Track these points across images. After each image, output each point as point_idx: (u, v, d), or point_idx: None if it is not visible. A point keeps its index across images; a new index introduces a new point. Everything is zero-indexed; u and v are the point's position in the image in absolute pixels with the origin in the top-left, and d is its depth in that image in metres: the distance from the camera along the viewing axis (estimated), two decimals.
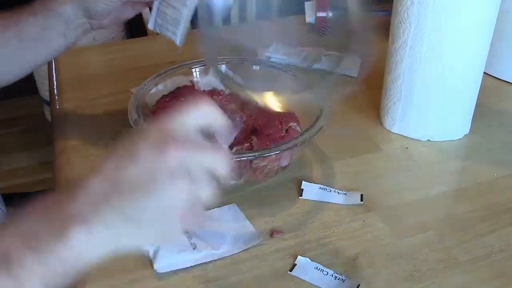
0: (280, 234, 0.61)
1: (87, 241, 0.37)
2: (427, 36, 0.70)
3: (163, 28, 0.70)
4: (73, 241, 0.36)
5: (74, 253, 0.37)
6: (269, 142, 0.65)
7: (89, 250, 0.37)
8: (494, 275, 0.57)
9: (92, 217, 0.37)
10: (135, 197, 0.37)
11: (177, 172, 0.37)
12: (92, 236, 0.37)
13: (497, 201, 0.67)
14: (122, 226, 0.38)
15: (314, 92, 0.68)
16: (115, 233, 0.38)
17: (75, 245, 0.36)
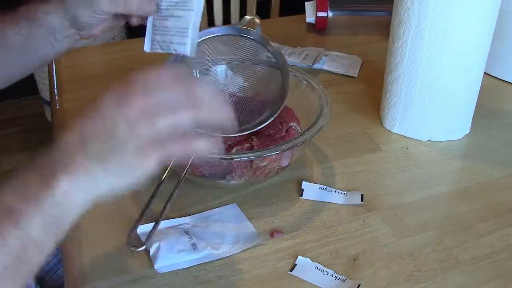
0: (280, 234, 0.61)
1: (73, 188, 0.42)
2: (427, 36, 0.70)
3: (165, 44, 0.65)
4: (62, 188, 0.42)
5: (64, 199, 0.42)
6: (269, 142, 0.65)
7: (75, 196, 0.42)
8: (494, 275, 0.57)
9: (73, 167, 0.42)
10: (106, 141, 0.43)
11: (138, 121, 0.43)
12: (76, 184, 0.42)
13: (497, 201, 0.67)
14: (99, 174, 0.43)
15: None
16: (95, 181, 0.43)
17: (64, 192, 0.42)
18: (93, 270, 0.56)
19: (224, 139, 0.66)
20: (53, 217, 0.42)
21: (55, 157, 0.43)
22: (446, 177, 0.72)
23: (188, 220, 0.62)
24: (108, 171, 0.43)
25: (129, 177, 0.45)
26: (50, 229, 0.42)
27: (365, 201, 0.66)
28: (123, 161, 0.43)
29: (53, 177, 0.42)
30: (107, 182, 0.44)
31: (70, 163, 0.42)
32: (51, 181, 0.42)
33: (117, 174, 0.44)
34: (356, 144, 0.77)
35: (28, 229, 0.41)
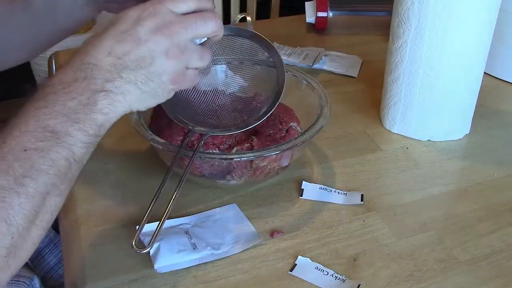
0: (280, 234, 0.61)
1: (111, 108, 0.48)
2: (427, 36, 0.70)
3: None
4: (102, 110, 0.47)
5: (102, 118, 0.47)
6: (269, 142, 0.65)
7: (112, 114, 0.48)
8: (494, 275, 0.57)
9: (114, 90, 0.48)
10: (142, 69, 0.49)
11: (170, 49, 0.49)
12: (114, 103, 0.48)
13: (497, 201, 0.67)
14: (134, 94, 0.49)
15: None
16: (129, 100, 0.49)
17: (103, 112, 0.47)
18: (93, 270, 0.56)
19: (224, 139, 0.66)
20: (93, 136, 0.47)
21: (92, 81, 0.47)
22: (446, 177, 0.71)
23: (188, 220, 0.62)
24: (138, 95, 0.49)
25: (149, 102, 0.51)
26: (90, 147, 0.47)
27: (365, 201, 0.66)
28: (151, 88, 0.50)
29: (94, 100, 0.46)
30: (134, 103, 0.50)
31: (110, 88, 0.47)
32: (93, 104, 0.46)
33: (143, 97, 0.50)
34: (356, 144, 0.77)
35: (74, 150, 0.46)
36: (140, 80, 0.49)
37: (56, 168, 0.44)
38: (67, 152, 0.45)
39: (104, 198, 0.66)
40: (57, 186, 0.45)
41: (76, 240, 0.60)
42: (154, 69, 0.49)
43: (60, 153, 0.45)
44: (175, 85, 0.52)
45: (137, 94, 0.49)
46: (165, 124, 0.67)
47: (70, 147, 0.45)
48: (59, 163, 0.45)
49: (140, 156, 0.73)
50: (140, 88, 0.49)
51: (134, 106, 0.50)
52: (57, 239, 0.81)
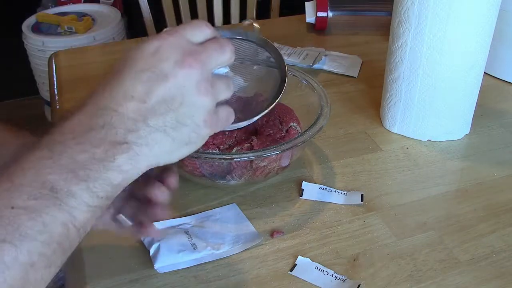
0: (280, 234, 0.61)
1: (133, 164, 0.39)
2: (427, 36, 0.70)
3: None
4: (120, 166, 0.39)
5: (120, 178, 0.39)
6: (269, 142, 0.65)
7: (132, 170, 0.40)
8: (494, 275, 0.57)
9: (138, 141, 0.39)
10: (171, 112, 0.40)
11: (200, 82, 0.41)
12: (138, 158, 0.39)
13: (497, 201, 0.67)
14: (162, 145, 0.41)
15: None
16: (157, 152, 0.41)
17: (122, 169, 0.39)
18: (93, 270, 0.56)
19: (224, 139, 0.66)
20: (103, 199, 0.39)
21: (111, 131, 0.39)
22: (446, 177, 0.72)
23: (188, 220, 0.62)
24: (167, 145, 0.41)
25: (181, 151, 0.43)
26: (97, 211, 0.39)
27: (365, 201, 0.66)
28: (184, 134, 0.42)
29: (112, 154, 0.38)
30: (162, 156, 0.41)
31: (132, 139, 0.39)
32: (110, 160, 0.38)
33: (173, 147, 0.42)
34: (356, 144, 0.77)
35: (75, 214, 0.37)
36: (170, 125, 0.40)
37: (47, 235, 0.36)
38: (66, 217, 0.37)
39: None
40: (46, 256, 0.36)
41: None
42: (186, 110, 0.41)
43: (56, 217, 0.36)
44: (209, 128, 0.43)
45: (168, 143, 0.41)
46: None
47: (70, 210, 0.37)
48: (53, 228, 0.36)
49: None
50: (170, 135, 0.41)
51: (163, 159, 0.42)
52: None
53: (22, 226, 0.35)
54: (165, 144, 0.41)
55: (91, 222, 0.39)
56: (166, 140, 0.41)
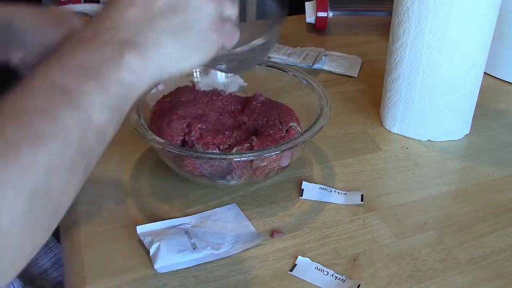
0: (280, 234, 0.61)
1: (142, 64, 0.39)
2: (427, 36, 0.70)
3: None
4: (130, 66, 0.38)
5: (131, 77, 0.38)
6: (269, 142, 0.65)
7: (143, 73, 0.39)
8: (494, 275, 0.57)
9: (145, 41, 0.39)
10: (177, 16, 0.41)
11: None
12: (147, 59, 0.39)
13: (497, 201, 0.67)
14: (171, 47, 0.41)
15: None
16: (165, 55, 0.40)
17: (132, 69, 0.38)
18: (93, 270, 0.56)
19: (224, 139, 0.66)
20: (117, 98, 0.38)
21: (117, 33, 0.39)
22: (446, 177, 0.72)
23: (188, 220, 0.62)
24: (176, 48, 0.41)
25: (191, 58, 0.43)
26: (113, 113, 0.38)
27: (365, 201, 0.66)
28: (191, 38, 0.42)
29: (119, 53, 0.38)
30: (172, 60, 0.41)
31: (140, 39, 0.39)
32: (118, 58, 0.38)
33: (183, 52, 0.42)
34: (356, 144, 0.77)
35: (89, 112, 0.36)
36: (177, 28, 0.41)
37: (64, 135, 0.34)
38: (82, 116, 0.35)
39: (104, 198, 0.66)
40: (66, 158, 0.35)
41: (76, 240, 0.60)
42: (191, 15, 0.41)
43: (72, 116, 0.35)
44: (216, 34, 0.43)
45: (176, 46, 0.41)
46: (165, 124, 0.67)
47: (85, 109, 0.36)
48: (70, 128, 0.35)
49: (140, 156, 0.73)
50: (177, 38, 0.41)
51: (174, 65, 0.42)
52: (52, 243, 0.81)
53: (38, 126, 0.33)
54: (174, 46, 0.41)
55: (110, 128, 0.38)
56: (174, 43, 0.41)
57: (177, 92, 0.73)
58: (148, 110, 0.71)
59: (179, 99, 0.71)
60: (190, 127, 0.66)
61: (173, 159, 0.64)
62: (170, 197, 0.66)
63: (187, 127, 0.66)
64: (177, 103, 0.70)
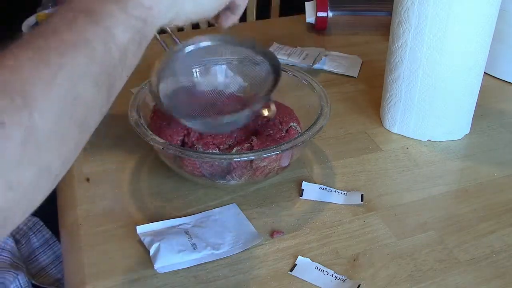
0: (280, 234, 0.61)
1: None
2: (427, 36, 0.70)
3: None
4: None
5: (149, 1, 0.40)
6: (269, 142, 0.65)
7: (158, 7, 0.41)
8: (494, 275, 0.57)
9: None
10: None
11: None
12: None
13: (497, 201, 0.67)
14: None
15: None
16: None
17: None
18: (93, 270, 0.56)
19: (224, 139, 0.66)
20: (138, 19, 0.39)
21: None
22: (446, 177, 0.71)
23: (188, 220, 0.62)
24: None
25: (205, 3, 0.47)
26: (135, 35, 0.39)
27: (365, 201, 0.66)
28: None
29: None
30: (191, 3, 0.45)
31: None
32: None
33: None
34: (356, 144, 0.77)
35: (113, 31, 0.37)
36: None
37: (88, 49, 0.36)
38: (105, 34, 0.37)
39: (104, 198, 0.66)
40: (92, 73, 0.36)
41: (76, 240, 0.60)
42: None
43: (95, 33, 0.37)
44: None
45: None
46: (165, 124, 0.67)
47: (108, 28, 0.37)
48: (93, 44, 0.36)
49: (140, 156, 0.73)
50: None
51: (187, 9, 0.45)
52: (52, 240, 0.81)
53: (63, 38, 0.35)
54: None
55: (132, 49, 0.39)
56: None
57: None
58: (148, 110, 0.71)
59: None
60: None
61: (173, 159, 0.64)
62: (170, 197, 0.66)
63: (187, 127, 0.66)
64: None
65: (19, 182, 0.32)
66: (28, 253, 0.79)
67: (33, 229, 0.81)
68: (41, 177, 0.34)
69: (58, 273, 0.79)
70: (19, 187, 0.32)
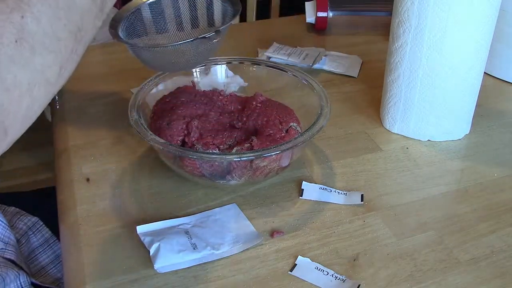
0: (280, 234, 0.61)
1: None
2: (427, 36, 0.70)
3: None
4: None
5: None
6: (269, 142, 0.65)
7: None
8: (494, 275, 0.57)
9: None
10: None
11: None
12: None
13: (497, 201, 0.67)
14: None
15: None
16: None
17: None
18: (93, 270, 0.56)
19: (224, 140, 0.66)
20: None
21: None
22: (446, 177, 0.72)
23: (188, 220, 0.62)
24: None
25: None
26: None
27: (365, 201, 0.66)
28: None
29: None
30: None
31: None
32: None
33: None
34: (356, 144, 0.77)
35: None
36: None
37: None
38: None
39: (104, 198, 0.66)
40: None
41: (76, 240, 0.60)
42: None
43: None
44: None
45: None
46: (165, 124, 0.67)
47: None
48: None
49: (139, 156, 0.73)
50: None
51: None
52: (52, 240, 0.81)
53: None
54: None
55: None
56: None
57: (177, 92, 0.73)
58: (148, 110, 0.71)
59: (179, 99, 0.71)
60: (189, 127, 0.66)
61: (173, 159, 0.64)
62: (170, 197, 0.66)
63: (187, 127, 0.67)
64: (177, 103, 0.71)
65: (15, 84, 0.33)
66: (27, 252, 0.79)
67: (33, 229, 0.81)
68: (37, 82, 0.35)
69: (58, 273, 0.79)
70: (15, 89, 0.33)
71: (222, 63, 0.79)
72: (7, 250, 0.72)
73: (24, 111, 0.35)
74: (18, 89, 0.34)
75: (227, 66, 0.79)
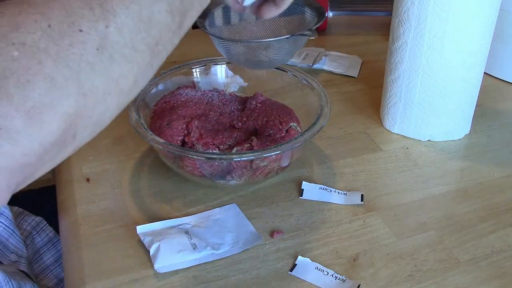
0: (280, 234, 0.61)
1: None
2: (427, 36, 0.70)
3: None
4: None
5: None
6: (269, 142, 0.65)
7: None
8: (494, 275, 0.57)
9: None
10: None
11: None
12: None
13: (497, 201, 0.67)
14: None
15: None
16: None
17: None
18: (93, 270, 0.56)
19: (224, 140, 0.66)
20: None
21: None
22: (446, 177, 0.71)
23: (188, 220, 0.62)
24: None
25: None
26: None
27: (365, 201, 0.66)
28: None
29: None
30: None
31: None
32: None
33: None
34: (356, 144, 0.77)
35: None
36: None
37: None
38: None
39: (104, 198, 0.66)
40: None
41: (76, 240, 0.60)
42: None
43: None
44: None
45: None
46: (165, 124, 0.67)
47: None
48: None
49: (140, 156, 0.73)
50: None
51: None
52: (56, 239, 0.82)
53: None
54: None
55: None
56: None
57: (177, 92, 0.73)
58: (148, 110, 0.71)
59: (179, 99, 0.71)
60: (189, 127, 0.66)
61: (173, 159, 0.64)
62: (170, 197, 0.66)
63: (187, 127, 0.67)
64: (177, 103, 0.71)
65: (91, 90, 0.34)
66: (32, 253, 0.79)
67: (37, 229, 0.81)
68: (111, 91, 0.35)
69: (62, 272, 0.79)
70: (91, 95, 0.34)
71: (222, 63, 0.79)
72: (21, 262, 0.73)
73: (96, 118, 0.35)
74: (94, 95, 0.34)
75: (227, 66, 0.79)
